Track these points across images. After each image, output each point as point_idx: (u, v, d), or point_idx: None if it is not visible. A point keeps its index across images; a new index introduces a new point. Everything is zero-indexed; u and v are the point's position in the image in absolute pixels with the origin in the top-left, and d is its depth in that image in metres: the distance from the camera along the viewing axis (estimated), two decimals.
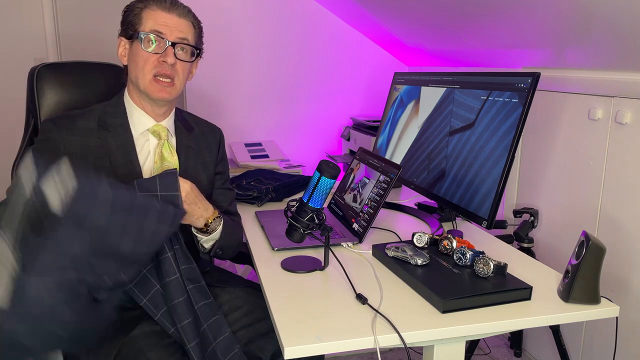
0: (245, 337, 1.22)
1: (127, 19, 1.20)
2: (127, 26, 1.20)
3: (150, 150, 1.24)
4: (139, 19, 1.18)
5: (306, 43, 2.94)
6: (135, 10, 1.19)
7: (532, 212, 1.72)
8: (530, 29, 1.71)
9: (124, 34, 1.21)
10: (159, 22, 1.18)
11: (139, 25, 1.18)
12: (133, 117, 1.23)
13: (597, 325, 1.71)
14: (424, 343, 0.98)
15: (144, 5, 1.19)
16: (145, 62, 1.18)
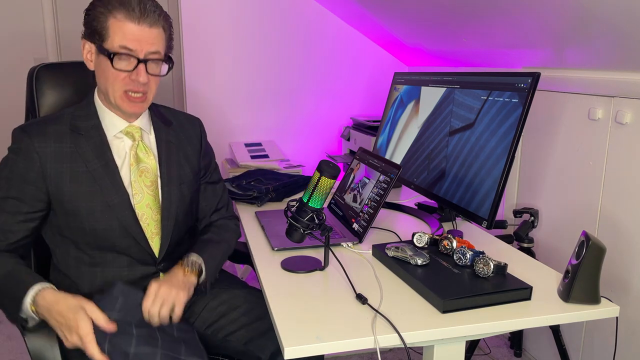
0: (245, 337, 1.22)
1: (92, 23, 1.09)
2: (92, 32, 1.10)
3: (126, 151, 1.19)
4: (105, 29, 1.08)
5: (306, 43, 2.94)
6: (100, 17, 1.08)
7: (532, 212, 1.72)
8: (530, 29, 1.71)
9: (89, 39, 1.11)
10: (128, 36, 1.07)
11: (106, 37, 1.08)
12: (105, 119, 1.18)
13: (597, 325, 1.71)
14: (424, 343, 0.98)
15: (109, 12, 1.07)
16: (115, 79, 1.10)
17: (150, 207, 1.19)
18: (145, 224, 1.19)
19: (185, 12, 2.68)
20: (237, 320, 1.24)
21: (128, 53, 1.08)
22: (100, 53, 1.10)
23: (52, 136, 1.13)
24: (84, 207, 1.13)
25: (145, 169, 1.20)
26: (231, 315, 1.25)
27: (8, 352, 2.12)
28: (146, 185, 1.19)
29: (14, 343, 2.18)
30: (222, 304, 1.27)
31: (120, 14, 1.07)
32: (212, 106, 2.87)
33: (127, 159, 1.19)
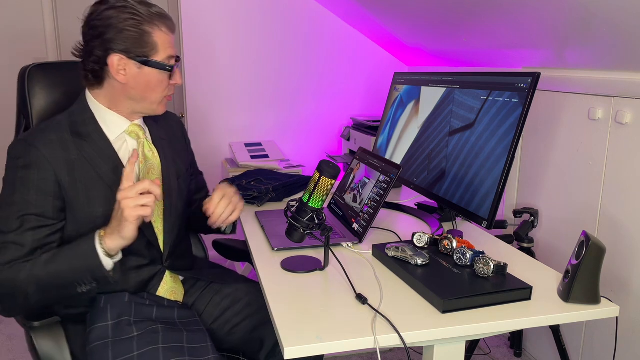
0: (250, 326, 1.28)
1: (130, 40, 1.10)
2: (132, 47, 1.10)
3: (130, 151, 1.19)
4: (150, 45, 1.11)
5: (306, 43, 2.94)
6: (143, 34, 1.10)
7: (532, 212, 1.72)
8: (530, 29, 1.71)
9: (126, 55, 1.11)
10: (170, 45, 1.15)
11: (153, 52, 1.12)
12: (106, 121, 1.17)
13: (597, 325, 1.71)
14: (424, 343, 0.98)
15: (152, 29, 1.11)
16: (160, 87, 1.16)
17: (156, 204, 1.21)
18: (154, 220, 1.22)
19: (185, 12, 2.69)
20: (241, 312, 1.30)
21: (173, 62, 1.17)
22: (150, 67, 1.13)
23: (57, 144, 1.10)
24: (100, 213, 1.12)
25: (151, 166, 1.23)
26: (235, 308, 1.30)
27: (8, 352, 2.12)
28: None
29: (14, 343, 2.18)
30: (225, 298, 1.32)
31: (164, 27, 1.14)
32: (212, 106, 2.87)
33: None
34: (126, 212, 0.99)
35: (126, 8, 1.09)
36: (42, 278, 1.02)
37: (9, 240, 1.04)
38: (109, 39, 1.09)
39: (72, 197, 1.10)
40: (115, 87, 1.15)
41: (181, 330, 1.13)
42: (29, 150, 1.07)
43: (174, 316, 1.18)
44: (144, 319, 1.12)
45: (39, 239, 1.06)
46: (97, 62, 1.12)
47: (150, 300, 1.18)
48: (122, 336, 1.07)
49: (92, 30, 1.10)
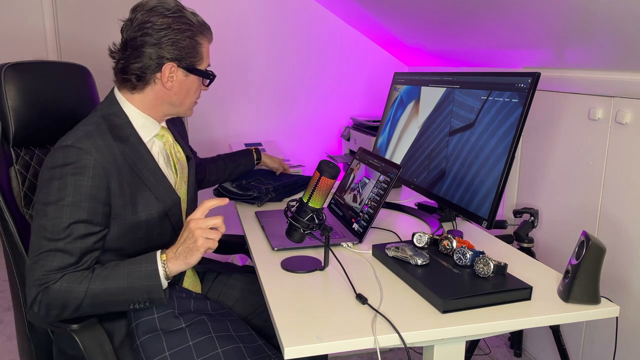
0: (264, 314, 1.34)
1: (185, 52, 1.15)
2: (186, 57, 1.15)
3: (158, 152, 1.22)
4: (199, 55, 1.18)
5: (306, 43, 2.94)
6: (195, 45, 1.16)
7: (532, 212, 1.72)
8: (530, 29, 1.71)
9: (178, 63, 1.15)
10: (209, 54, 1.23)
11: (200, 61, 1.19)
12: (139, 124, 1.18)
13: (597, 325, 1.71)
14: (424, 343, 0.98)
15: (202, 40, 1.18)
16: (196, 91, 1.24)
17: (184, 201, 1.27)
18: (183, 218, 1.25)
19: None
20: (254, 301, 1.36)
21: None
22: (196, 75, 1.19)
23: (106, 149, 1.08)
24: (144, 217, 1.13)
25: (183, 166, 1.28)
26: (246, 298, 1.36)
27: (8, 352, 2.12)
28: (184, 181, 1.28)
29: (14, 343, 2.18)
30: (234, 289, 1.38)
31: (210, 37, 1.21)
32: (212, 106, 2.87)
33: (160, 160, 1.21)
34: (199, 241, 1.02)
35: (181, 18, 1.13)
36: (98, 293, 1.02)
37: (58, 248, 1.02)
38: (164, 47, 1.12)
39: (119, 203, 1.09)
40: (158, 92, 1.17)
41: (223, 321, 1.15)
42: (82, 155, 1.04)
43: (208, 308, 1.20)
44: (186, 311, 1.14)
45: (86, 247, 1.04)
46: (147, 68, 1.13)
47: (184, 293, 1.20)
48: (171, 328, 1.09)
49: (147, 37, 1.11)
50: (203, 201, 1.07)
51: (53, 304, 1.01)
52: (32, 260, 1.02)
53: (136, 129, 1.16)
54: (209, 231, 1.03)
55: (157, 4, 1.13)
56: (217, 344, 1.06)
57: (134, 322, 1.09)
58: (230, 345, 1.07)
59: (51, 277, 1.01)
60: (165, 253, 1.05)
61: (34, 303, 1.01)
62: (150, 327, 1.08)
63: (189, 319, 1.11)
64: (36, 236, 1.03)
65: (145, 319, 1.09)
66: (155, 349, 1.05)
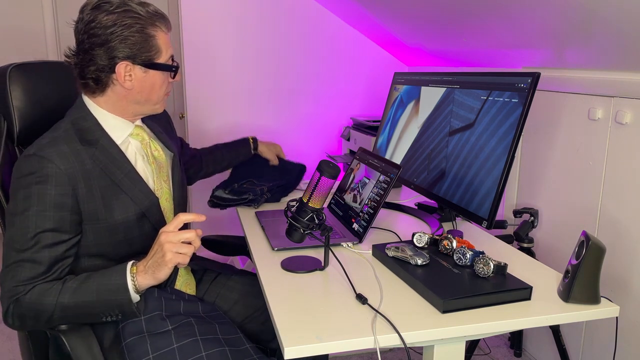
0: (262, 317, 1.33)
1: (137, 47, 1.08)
2: (140, 53, 1.08)
3: (135, 152, 1.19)
4: (155, 48, 1.10)
5: (306, 43, 2.94)
6: (147, 38, 1.09)
7: (532, 212, 1.72)
8: (530, 29, 1.71)
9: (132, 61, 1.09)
10: (170, 44, 1.15)
11: (157, 54, 1.11)
12: (110, 126, 1.14)
13: (597, 325, 1.71)
14: (424, 343, 0.98)
15: (155, 31, 1.10)
16: (162, 86, 1.16)
17: (167, 200, 1.24)
18: (167, 217, 1.23)
19: (185, 12, 2.68)
20: (252, 304, 1.35)
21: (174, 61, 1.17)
22: (155, 69, 1.12)
23: (71, 155, 1.06)
24: (120, 220, 1.11)
25: (160, 165, 1.24)
26: (245, 300, 1.35)
27: (8, 352, 2.12)
28: (164, 180, 1.23)
29: (14, 343, 2.18)
30: (232, 291, 1.36)
31: (165, 27, 1.13)
32: (212, 106, 2.87)
33: (139, 161, 1.19)
34: (167, 255, 1.00)
35: (127, 12, 1.06)
36: (68, 306, 1.01)
37: (25, 258, 1.00)
38: (114, 46, 1.06)
39: (90, 209, 1.07)
40: (119, 93, 1.12)
41: (211, 323, 1.14)
42: (44, 164, 1.02)
43: (199, 310, 1.18)
44: (175, 313, 1.13)
45: (55, 256, 1.03)
46: (101, 71, 1.08)
47: (175, 295, 1.19)
48: (157, 330, 1.08)
49: (94, 38, 1.06)
50: (178, 214, 1.04)
51: (26, 315, 1.01)
52: (4, 272, 1.01)
53: (107, 131, 1.13)
54: (180, 245, 1.01)
55: (101, 1, 1.06)
56: (201, 347, 1.05)
57: (120, 324, 1.09)
58: (215, 348, 1.06)
59: (21, 288, 0.99)
60: (136, 266, 1.04)
61: (7, 315, 1.01)
62: (137, 329, 1.07)
63: (176, 321, 1.10)
64: (6, 247, 1.01)
65: (132, 320, 1.08)
66: (140, 351, 1.04)
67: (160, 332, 1.07)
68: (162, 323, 1.08)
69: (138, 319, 1.08)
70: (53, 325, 1.05)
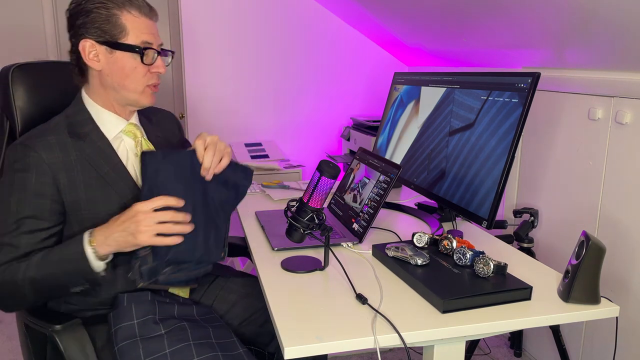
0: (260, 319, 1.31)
1: (97, 22, 1.08)
2: (101, 31, 1.08)
3: (128, 150, 1.19)
4: (119, 27, 1.09)
5: (306, 43, 2.94)
6: (109, 15, 1.08)
7: (532, 212, 1.72)
8: (530, 29, 1.71)
9: (95, 39, 1.09)
10: (145, 31, 1.11)
11: (123, 35, 1.09)
12: (103, 120, 1.16)
13: (597, 325, 1.71)
14: (424, 343, 0.98)
15: (119, 9, 1.08)
16: (138, 74, 1.12)
17: None
18: None
19: (185, 12, 2.69)
20: (250, 306, 1.33)
21: (150, 47, 1.12)
22: (120, 50, 1.10)
23: (56, 146, 1.09)
24: (103, 213, 1.11)
25: None
26: (243, 303, 1.33)
27: (8, 352, 2.12)
28: None
29: (14, 343, 2.18)
30: (231, 293, 1.34)
31: (135, 11, 1.10)
32: (212, 106, 2.87)
33: (130, 157, 1.19)
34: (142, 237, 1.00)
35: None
36: (36, 279, 1.03)
37: (4, 242, 1.04)
38: (80, 24, 1.09)
39: (72, 199, 1.09)
40: (95, 77, 1.13)
41: (205, 327, 1.14)
42: (27, 153, 1.06)
43: (194, 313, 1.18)
44: (168, 317, 1.13)
45: (34, 243, 1.05)
46: (74, 52, 1.11)
47: (169, 298, 1.19)
48: (150, 334, 1.07)
49: (68, 20, 1.10)
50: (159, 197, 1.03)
51: (2, 295, 1.04)
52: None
53: (99, 125, 1.15)
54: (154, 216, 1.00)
55: None
56: (194, 352, 1.05)
57: (113, 328, 1.09)
58: (208, 353, 1.06)
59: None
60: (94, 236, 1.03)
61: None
62: (129, 333, 1.07)
63: (169, 325, 1.09)
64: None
65: (125, 324, 1.08)
66: (132, 356, 1.04)
67: (152, 337, 1.07)
68: (154, 327, 1.08)
69: (131, 322, 1.08)
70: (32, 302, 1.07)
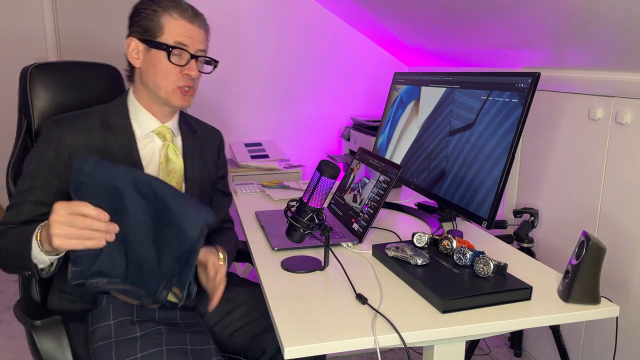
0: (251, 332, 1.27)
1: (142, 22, 1.14)
2: (143, 30, 1.15)
3: (155, 151, 1.22)
4: (158, 26, 1.14)
5: (306, 43, 2.94)
6: (153, 15, 1.14)
7: (532, 212, 1.72)
8: (530, 29, 1.71)
9: (138, 37, 1.16)
10: (182, 33, 1.15)
11: (160, 34, 1.14)
12: (138, 118, 1.21)
13: (597, 325, 1.71)
14: (424, 343, 0.98)
15: (163, 10, 1.14)
16: (169, 73, 1.16)
17: None
18: None
19: None
20: (243, 317, 1.29)
21: (182, 48, 1.15)
22: (154, 48, 1.15)
23: (82, 130, 1.15)
24: None
25: (173, 169, 1.24)
26: (236, 313, 1.30)
27: (8, 352, 2.12)
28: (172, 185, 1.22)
29: (14, 343, 2.18)
30: (226, 302, 1.30)
31: (176, 13, 1.15)
32: (212, 106, 2.87)
33: (154, 158, 1.22)
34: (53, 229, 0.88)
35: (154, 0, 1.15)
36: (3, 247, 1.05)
37: (15, 203, 1.11)
38: (130, 24, 1.17)
39: None
40: (137, 75, 1.20)
41: (184, 332, 1.12)
42: (54, 129, 1.13)
43: (176, 317, 1.17)
44: (147, 319, 1.12)
45: (34, 215, 1.09)
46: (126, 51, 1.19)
47: None
48: (125, 336, 1.07)
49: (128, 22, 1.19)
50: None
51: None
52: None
53: (132, 121, 1.21)
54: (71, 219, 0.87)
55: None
56: (164, 357, 1.04)
57: (90, 327, 1.09)
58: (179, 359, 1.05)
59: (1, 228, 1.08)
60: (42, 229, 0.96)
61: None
62: (106, 333, 1.07)
63: (146, 327, 1.09)
64: None
65: (102, 324, 1.08)
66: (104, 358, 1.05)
67: (127, 339, 1.06)
68: (131, 328, 1.08)
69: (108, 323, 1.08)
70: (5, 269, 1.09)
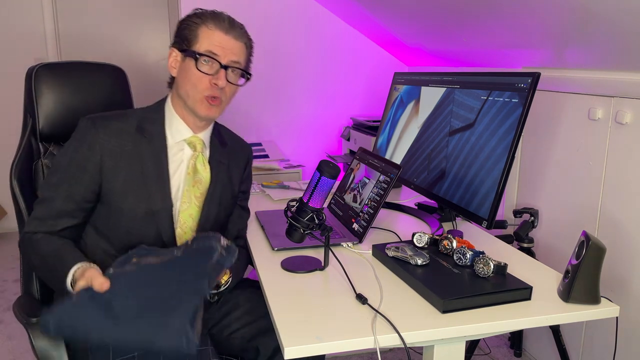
0: (248, 334, 1.26)
1: (183, 32, 1.18)
2: (182, 40, 1.18)
3: (183, 160, 1.22)
4: (195, 36, 1.16)
5: (306, 43, 2.94)
6: (192, 26, 1.17)
7: (532, 212, 1.72)
8: (530, 29, 1.71)
9: (177, 47, 1.19)
10: (215, 42, 1.16)
11: (194, 43, 1.16)
12: (172, 125, 1.22)
13: (597, 325, 1.71)
14: (424, 343, 0.98)
15: (202, 22, 1.17)
16: (198, 82, 1.17)
17: (192, 217, 1.22)
18: (182, 232, 1.21)
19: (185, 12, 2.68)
20: (240, 318, 1.28)
21: (212, 56, 1.16)
22: (187, 56, 1.17)
23: (115, 132, 1.16)
24: (127, 209, 1.15)
25: (199, 180, 1.23)
26: (234, 314, 1.29)
27: (8, 352, 2.12)
28: (196, 196, 1.22)
29: (14, 343, 2.18)
30: (225, 303, 1.30)
31: (212, 24, 1.17)
32: None
33: (182, 167, 1.21)
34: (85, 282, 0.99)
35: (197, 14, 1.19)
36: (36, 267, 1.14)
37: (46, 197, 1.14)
38: (175, 35, 1.21)
39: (109, 184, 1.14)
40: (175, 84, 1.21)
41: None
42: (88, 128, 1.15)
43: None
44: None
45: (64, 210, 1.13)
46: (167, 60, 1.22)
47: None
48: None
49: None
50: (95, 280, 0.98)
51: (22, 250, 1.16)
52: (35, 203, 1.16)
53: (166, 127, 1.21)
54: None
55: None
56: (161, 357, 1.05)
57: None
58: None
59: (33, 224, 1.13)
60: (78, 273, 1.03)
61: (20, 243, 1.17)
62: None
63: None
64: None
65: None
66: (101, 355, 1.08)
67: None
68: None
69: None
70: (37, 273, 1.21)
